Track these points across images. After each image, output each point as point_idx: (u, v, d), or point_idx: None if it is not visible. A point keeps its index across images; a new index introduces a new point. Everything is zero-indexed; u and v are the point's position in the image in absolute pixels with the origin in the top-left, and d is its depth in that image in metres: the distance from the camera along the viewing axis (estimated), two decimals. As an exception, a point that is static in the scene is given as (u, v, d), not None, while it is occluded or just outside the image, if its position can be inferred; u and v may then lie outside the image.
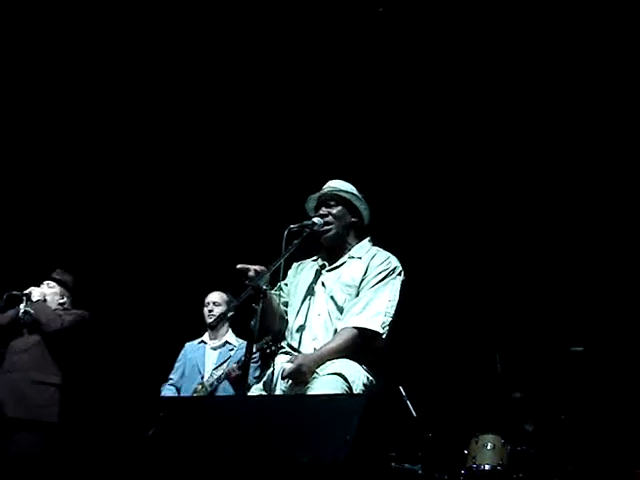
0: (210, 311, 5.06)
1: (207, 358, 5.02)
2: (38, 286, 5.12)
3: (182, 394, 4.91)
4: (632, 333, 5.66)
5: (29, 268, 5.74)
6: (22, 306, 4.97)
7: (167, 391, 5.02)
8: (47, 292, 5.09)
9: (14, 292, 5.00)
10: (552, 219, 6.22)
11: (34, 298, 5.00)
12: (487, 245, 6.37)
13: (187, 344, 5.20)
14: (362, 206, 3.49)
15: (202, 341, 5.15)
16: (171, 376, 5.09)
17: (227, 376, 4.69)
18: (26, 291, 5.02)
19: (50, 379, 4.89)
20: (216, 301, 5.09)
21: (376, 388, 3.20)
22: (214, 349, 5.06)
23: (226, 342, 5.05)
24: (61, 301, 5.16)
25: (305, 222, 3.37)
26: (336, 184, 3.52)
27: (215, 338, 5.10)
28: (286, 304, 3.46)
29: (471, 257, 6.39)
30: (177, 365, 5.12)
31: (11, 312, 4.99)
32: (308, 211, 3.53)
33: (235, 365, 4.69)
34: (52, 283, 5.15)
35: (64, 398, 4.90)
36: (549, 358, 5.54)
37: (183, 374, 5.04)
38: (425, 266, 6.13)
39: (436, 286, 6.22)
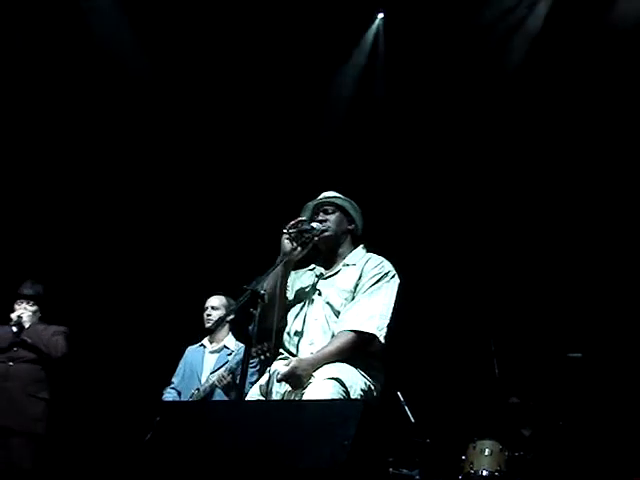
0: (208, 315, 5.07)
1: (205, 362, 5.03)
2: (15, 304, 5.11)
3: (182, 397, 4.92)
4: (631, 339, 5.65)
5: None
6: (14, 329, 5.00)
7: (168, 395, 5.03)
8: (31, 312, 5.09)
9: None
10: (550, 222, 6.22)
11: (26, 325, 5.03)
12: (484, 250, 6.37)
13: (188, 348, 5.22)
14: (357, 215, 3.54)
15: (202, 344, 5.16)
16: (172, 379, 5.11)
17: (219, 382, 4.69)
18: (15, 318, 5.02)
19: (41, 394, 4.98)
20: (214, 305, 5.09)
21: (374, 393, 3.21)
22: (212, 353, 5.07)
23: (224, 346, 5.05)
24: (40, 316, 5.19)
25: (304, 227, 3.39)
26: (332, 193, 3.57)
27: (214, 342, 5.11)
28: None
29: (468, 262, 6.39)
30: (178, 368, 5.13)
31: (7, 333, 5.01)
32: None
33: (225, 372, 4.68)
34: (31, 302, 5.15)
35: (52, 412, 5.01)
36: (547, 364, 5.53)
37: (183, 377, 5.05)
38: (422, 271, 6.14)
39: (433, 291, 6.22)
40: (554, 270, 6.11)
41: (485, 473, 5.04)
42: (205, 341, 5.16)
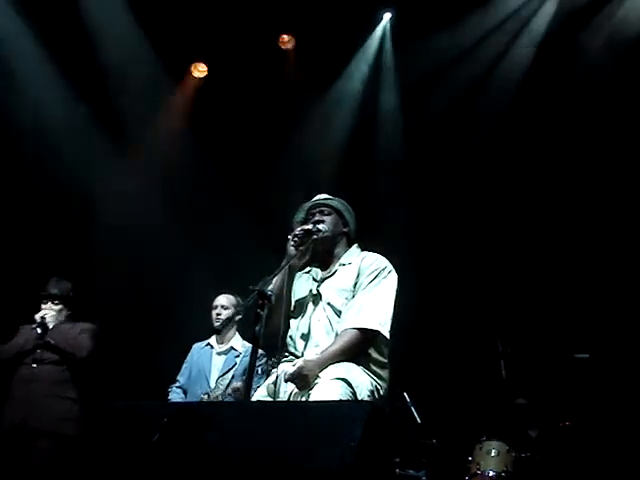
0: (218, 315, 5.04)
1: (213, 363, 5.01)
2: (41, 303, 5.11)
3: (188, 398, 4.90)
4: (638, 340, 5.63)
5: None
6: (39, 330, 5.01)
7: (174, 394, 5.01)
8: (55, 311, 5.09)
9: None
10: (558, 224, 6.20)
11: (50, 325, 5.04)
12: (492, 251, 6.36)
13: (195, 345, 5.18)
14: (351, 218, 3.57)
15: (209, 344, 5.12)
16: (178, 378, 5.08)
17: (233, 393, 4.66)
18: (38, 319, 5.03)
19: (68, 393, 4.97)
20: (224, 304, 5.07)
21: (380, 392, 3.21)
22: (219, 354, 5.05)
23: (231, 348, 5.04)
24: (67, 313, 5.19)
25: (310, 229, 3.40)
26: (327, 196, 3.61)
27: (222, 342, 5.09)
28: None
29: (476, 263, 6.38)
30: (184, 367, 5.10)
31: (32, 334, 5.03)
32: (295, 223, 3.55)
33: (240, 384, 4.64)
34: (56, 301, 5.15)
35: (82, 412, 4.96)
36: (554, 365, 5.52)
37: (190, 376, 5.03)
38: (430, 273, 6.14)
39: (441, 292, 6.21)
40: (561, 271, 6.09)
41: (492, 474, 5.01)
42: (212, 341, 5.12)
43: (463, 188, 6.47)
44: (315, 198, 3.59)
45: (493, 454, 5.08)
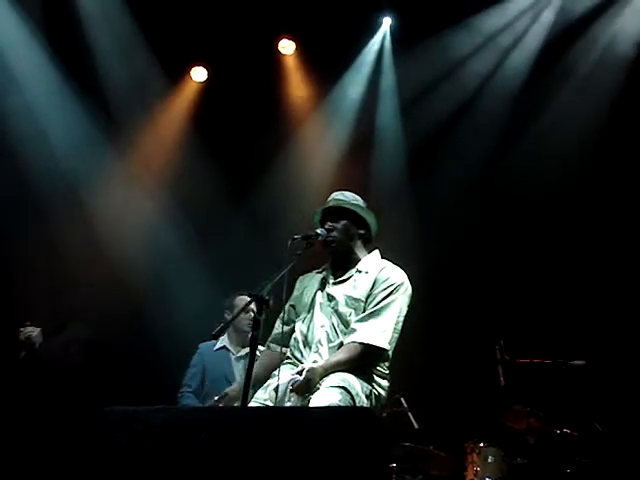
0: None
1: (235, 369, 4.79)
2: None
3: (207, 404, 4.51)
4: (634, 347, 5.64)
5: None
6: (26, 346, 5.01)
7: (189, 399, 4.71)
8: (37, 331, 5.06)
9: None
10: (554, 231, 6.20)
11: (36, 341, 5.00)
12: (490, 258, 6.36)
13: (202, 345, 4.94)
14: (368, 217, 3.50)
15: (225, 347, 4.91)
16: (188, 383, 4.82)
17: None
18: (25, 334, 5.01)
19: (60, 404, 4.93)
20: (237, 306, 4.84)
21: (379, 401, 3.22)
22: (239, 359, 4.85)
23: None
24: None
25: (309, 233, 3.39)
26: (341, 196, 3.53)
27: (238, 346, 4.88)
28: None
29: (474, 269, 6.38)
30: (193, 371, 4.86)
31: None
32: (314, 225, 3.54)
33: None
34: None
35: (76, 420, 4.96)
36: (550, 371, 5.52)
37: (203, 381, 4.80)
38: (428, 280, 6.13)
39: (438, 298, 6.20)
40: (558, 278, 6.09)
41: (488, 480, 5.03)
42: (227, 344, 4.90)
43: (461, 195, 6.47)
44: (330, 198, 3.54)
45: (490, 460, 5.09)
